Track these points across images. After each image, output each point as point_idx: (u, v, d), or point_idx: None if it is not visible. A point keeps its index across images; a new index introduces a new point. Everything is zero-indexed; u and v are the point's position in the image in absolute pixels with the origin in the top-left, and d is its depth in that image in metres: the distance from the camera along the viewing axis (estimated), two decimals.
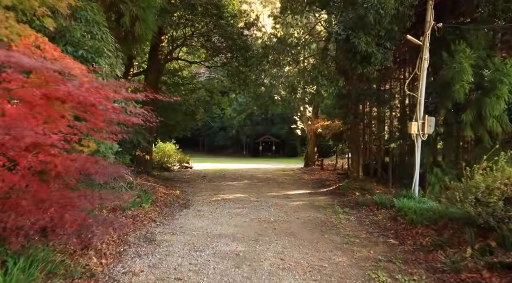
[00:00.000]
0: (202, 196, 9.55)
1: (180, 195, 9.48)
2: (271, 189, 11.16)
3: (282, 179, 14.81)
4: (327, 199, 9.20)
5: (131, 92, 4.54)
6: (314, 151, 21.03)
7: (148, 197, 7.24)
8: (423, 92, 7.14)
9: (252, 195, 9.76)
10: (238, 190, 10.82)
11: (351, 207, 7.82)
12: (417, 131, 7.15)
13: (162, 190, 9.21)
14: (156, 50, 13.46)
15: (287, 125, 37.50)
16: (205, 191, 10.63)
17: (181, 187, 11.48)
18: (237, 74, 13.13)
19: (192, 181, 13.40)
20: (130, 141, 9.01)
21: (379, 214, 6.68)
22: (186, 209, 7.71)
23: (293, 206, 8.20)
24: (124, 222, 4.59)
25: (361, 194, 9.15)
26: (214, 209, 7.71)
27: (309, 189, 11.35)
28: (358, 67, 7.87)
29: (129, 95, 4.06)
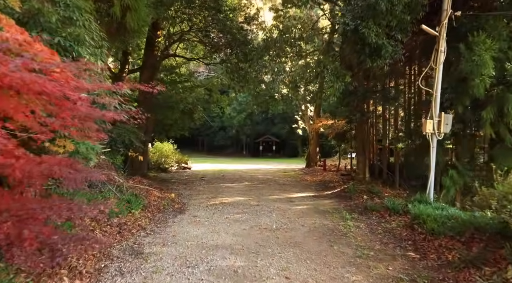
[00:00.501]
0: (199, 200, 8.95)
1: (176, 198, 8.88)
2: (272, 192, 10.57)
3: (284, 180, 14.21)
4: (332, 203, 8.60)
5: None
6: (316, 151, 20.43)
7: (139, 201, 6.64)
8: (439, 88, 6.54)
9: (252, 198, 9.16)
10: (237, 193, 10.22)
11: (359, 213, 7.21)
12: (433, 130, 6.54)
13: (156, 193, 8.61)
14: (152, 46, 12.86)
15: (288, 125, 36.91)
16: (202, 194, 10.03)
17: (177, 189, 10.89)
18: (237, 70, 12.53)
19: (189, 183, 12.80)
20: (122, 141, 8.41)
21: (392, 221, 6.07)
22: (181, 214, 7.11)
23: (297, 211, 7.60)
24: (98, 238, 3.97)
25: (369, 198, 8.55)
26: (211, 214, 7.11)
27: (312, 192, 10.76)
28: (367, 60, 7.26)
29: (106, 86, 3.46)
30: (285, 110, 35.39)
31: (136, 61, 15.69)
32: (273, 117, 38.16)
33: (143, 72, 12.99)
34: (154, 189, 9.18)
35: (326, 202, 8.73)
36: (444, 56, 6.51)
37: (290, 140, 39.45)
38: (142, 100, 12.87)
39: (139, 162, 12.75)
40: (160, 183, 11.79)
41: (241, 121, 37.37)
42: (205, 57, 14.78)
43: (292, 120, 35.85)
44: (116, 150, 8.24)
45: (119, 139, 8.32)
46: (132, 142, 8.61)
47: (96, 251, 4.10)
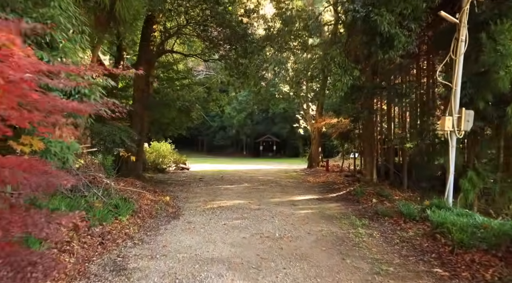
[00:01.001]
0: (195, 203, 8.34)
1: (170, 202, 8.27)
2: (274, 194, 9.95)
3: (285, 181, 13.60)
4: (339, 207, 7.98)
5: None
6: (318, 152, 19.81)
7: (128, 206, 6.02)
8: (459, 81, 5.92)
9: (252, 202, 8.55)
10: (237, 195, 9.61)
11: (370, 218, 6.59)
12: (452, 128, 5.93)
13: (149, 196, 7.99)
14: (147, 41, 12.24)
15: (288, 124, 36.32)
16: (199, 196, 9.42)
17: (173, 191, 10.28)
18: (236, 66, 11.91)
19: (186, 184, 12.19)
20: (112, 140, 7.80)
21: (408, 229, 5.45)
22: (175, 220, 6.49)
23: (301, 216, 6.98)
24: (58, 263, 3.35)
25: (379, 201, 7.93)
26: (208, 220, 6.49)
27: (316, 194, 10.14)
28: (378, 52, 6.65)
29: (72, 68, 2.85)
30: (286, 109, 34.80)
31: (132, 58, 15.08)
32: (274, 116, 37.56)
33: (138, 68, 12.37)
34: (148, 191, 8.56)
35: (332, 206, 8.11)
36: (466, 46, 5.89)
37: (291, 140, 38.84)
38: (138, 97, 12.28)
39: (134, 163, 12.16)
40: (155, 185, 11.18)
41: (241, 120, 36.76)
42: (203, 53, 14.17)
43: (293, 119, 35.22)
44: (106, 149, 7.62)
45: (109, 138, 7.71)
46: (124, 141, 8.00)
47: (70, 266, 3.49)
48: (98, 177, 6.53)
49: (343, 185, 11.46)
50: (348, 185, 11.26)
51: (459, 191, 7.10)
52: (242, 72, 11.99)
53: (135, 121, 12.21)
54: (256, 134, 39.96)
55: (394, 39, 6.41)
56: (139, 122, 12.22)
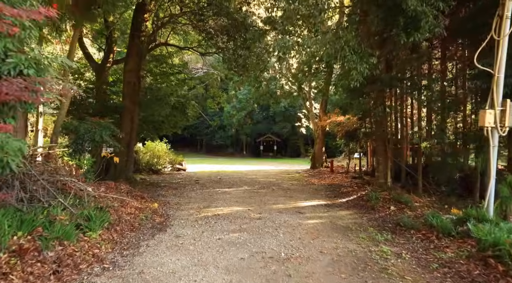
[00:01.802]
0: (188, 210, 7.33)
1: (159, 209, 7.26)
2: (276, 199, 8.94)
3: (288, 184, 12.59)
4: (352, 215, 6.97)
5: None
6: (322, 152, 18.80)
7: (103, 217, 5.01)
8: (502, 67, 4.90)
9: (252, 209, 7.54)
10: (235, 201, 8.60)
11: (392, 231, 5.57)
12: (494, 123, 4.91)
13: (135, 203, 6.98)
14: (138, 31, 11.24)
15: (289, 124, 35.35)
16: (193, 202, 8.41)
17: (164, 196, 9.27)
18: (235, 59, 10.90)
19: (181, 188, 11.18)
20: (91, 138, 6.78)
21: (445, 247, 4.43)
22: (161, 233, 5.48)
23: (309, 227, 5.97)
24: None
25: (398, 209, 6.92)
26: (200, 233, 5.48)
27: (324, 199, 9.13)
28: (401, 35, 5.63)
29: None
30: (287, 107, 33.82)
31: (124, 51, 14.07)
32: (274, 115, 36.57)
33: (128, 60, 11.37)
34: (134, 197, 7.55)
35: (343, 214, 7.10)
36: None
37: (292, 139, 37.86)
38: (128, 92, 11.27)
39: (124, 164, 11.18)
40: (145, 189, 10.17)
41: (241, 119, 35.75)
42: (200, 45, 13.17)
43: (294, 118, 34.22)
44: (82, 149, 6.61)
45: (88, 136, 6.69)
46: (103, 139, 6.97)
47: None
48: (70, 182, 5.52)
49: (352, 189, 10.45)
50: (358, 189, 10.25)
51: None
52: (241, 64, 10.98)
53: (125, 118, 11.21)
54: (256, 134, 38.96)
55: (421, 18, 5.39)
56: (129, 119, 11.22)
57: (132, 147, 11.59)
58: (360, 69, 5.69)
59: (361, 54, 5.73)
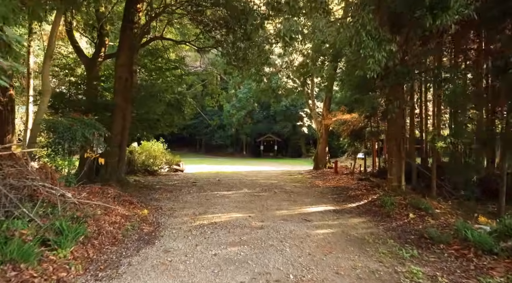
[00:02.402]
0: (182, 218, 6.56)
1: (149, 216, 6.49)
2: (279, 204, 8.17)
3: (291, 186, 11.82)
4: (365, 224, 6.20)
5: None
6: (325, 152, 18.03)
7: (77, 230, 4.23)
8: None
9: (254, 215, 6.77)
10: (234, 206, 7.83)
11: (417, 245, 4.79)
12: None
13: (121, 210, 6.21)
14: (131, 22, 10.46)
15: (290, 123, 34.59)
16: (189, 207, 7.64)
17: (158, 200, 8.50)
18: (235, 52, 10.13)
19: (176, 190, 10.41)
20: (71, 137, 6.00)
21: (490, 269, 3.65)
22: (148, 247, 4.71)
23: (319, 238, 5.20)
24: None
25: (417, 217, 6.14)
26: (193, 247, 4.71)
27: (331, 203, 8.36)
28: (426, 17, 4.85)
29: None
30: (288, 106, 33.05)
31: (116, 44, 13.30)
32: (275, 114, 35.81)
33: (120, 54, 10.59)
34: (122, 202, 6.77)
35: (356, 222, 6.32)
36: None
37: (293, 139, 37.10)
38: (120, 88, 10.50)
39: (116, 165, 10.41)
40: (137, 192, 9.40)
41: (241, 119, 34.98)
42: (197, 39, 12.39)
43: (295, 117, 33.46)
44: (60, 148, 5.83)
45: (68, 135, 5.91)
46: (87, 139, 6.18)
47: None
48: (42, 188, 4.74)
49: (360, 192, 9.68)
50: (367, 192, 9.48)
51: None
52: (241, 58, 10.20)
53: (117, 116, 10.44)
54: (257, 134, 38.19)
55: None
56: (121, 117, 10.44)
57: (124, 147, 10.82)
58: (378, 57, 4.93)
59: (378, 39, 4.97)
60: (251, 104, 35.30)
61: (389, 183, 8.15)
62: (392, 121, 7.79)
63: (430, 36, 6.08)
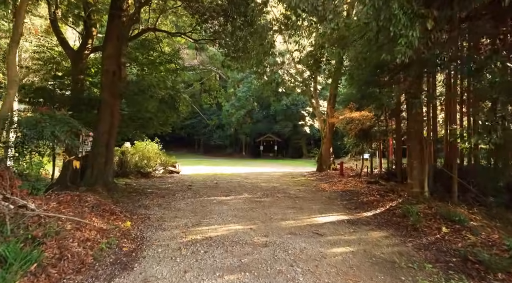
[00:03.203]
0: (171, 231, 5.57)
1: (132, 230, 5.50)
2: (284, 212, 7.19)
3: (295, 190, 10.84)
4: (391, 240, 5.20)
5: None
6: (330, 152, 17.06)
7: (28, 256, 3.23)
8: None
9: (256, 228, 5.78)
10: (233, 215, 6.84)
11: (463, 271, 3.80)
12: None
13: (99, 223, 5.21)
14: (119, 9, 9.50)
15: (291, 123, 33.61)
16: (181, 217, 6.64)
17: (147, 207, 7.50)
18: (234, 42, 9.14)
19: (169, 195, 9.42)
20: (38, 136, 4.98)
21: None
22: (124, 274, 3.72)
23: (338, 261, 4.21)
24: None
25: (452, 231, 5.16)
26: (181, 275, 3.72)
27: (343, 212, 7.37)
28: None
29: None
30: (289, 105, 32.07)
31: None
32: (275, 114, 34.82)
33: (107, 45, 9.61)
34: (101, 213, 5.76)
35: (378, 237, 5.33)
36: None
37: (293, 139, 36.12)
38: (107, 83, 9.50)
39: (102, 167, 9.42)
40: (125, 198, 8.41)
41: (240, 118, 33.96)
42: (193, 30, 11.40)
43: (296, 117, 32.48)
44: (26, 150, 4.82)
45: (33, 132, 4.90)
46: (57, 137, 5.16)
47: None
48: None
49: (373, 198, 8.71)
50: (381, 198, 8.51)
51: None
52: (241, 48, 9.22)
53: (103, 113, 9.45)
54: (256, 133, 37.21)
55: None
56: (108, 114, 9.45)
57: (112, 147, 9.81)
58: (410, 36, 3.94)
59: (411, 15, 4.00)
60: (251, 103, 34.33)
61: (408, 189, 7.18)
62: (413, 118, 6.82)
63: (474, 14, 5.09)
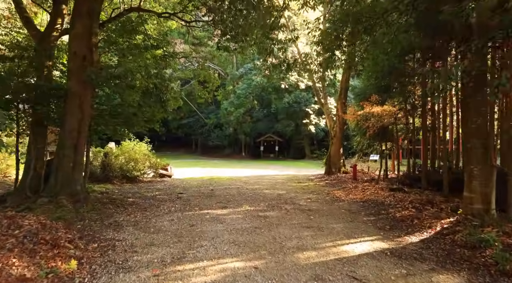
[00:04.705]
0: (138, 272, 3.74)
1: (77, 275, 3.65)
2: (299, 235, 5.37)
3: (305, 199, 9.04)
4: None
5: None
6: (340, 153, 15.24)
7: None
8: None
9: (262, 266, 3.96)
10: (230, 241, 5.01)
11: None
12: None
13: (22, 265, 3.38)
14: None
15: (293, 122, 31.80)
16: (158, 245, 4.82)
17: (118, 228, 5.68)
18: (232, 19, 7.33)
19: (152, 208, 7.63)
20: None
21: None
22: None
23: None
24: None
25: None
26: None
27: (375, 233, 5.55)
28: None
29: None
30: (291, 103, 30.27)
31: None
32: (277, 112, 33.00)
33: (74, 22, 7.81)
34: (32, 250, 3.94)
35: None
36: None
37: (295, 139, 34.29)
38: (76, 69, 7.69)
39: (70, 172, 7.61)
40: (91, 215, 6.56)
41: (240, 117, 32.13)
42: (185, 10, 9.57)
43: (299, 115, 30.66)
44: None
45: None
46: None
47: None
48: None
49: (408, 212, 6.88)
50: (417, 212, 6.71)
51: None
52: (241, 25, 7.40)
53: (71, 106, 7.65)
54: (256, 133, 35.38)
55: None
56: (76, 107, 7.64)
57: (82, 148, 7.99)
58: None
59: None
60: (251, 101, 32.54)
61: (465, 204, 5.37)
62: (475, 110, 5.01)
63: None
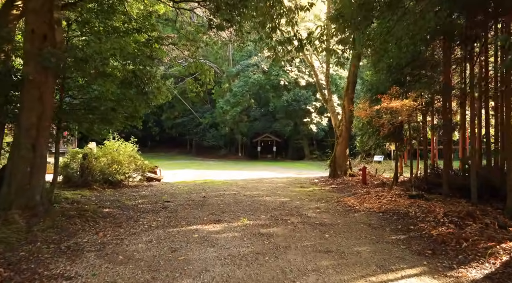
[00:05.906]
0: None
1: None
2: (316, 266, 3.96)
3: (313, 209, 7.67)
4: None
5: None
6: (346, 155, 13.89)
7: None
8: None
9: None
10: (224, 275, 3.59)
11: None
12: None
13: None
14: None
15: (292, 121, 30.45)
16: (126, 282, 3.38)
17: (74, 256, 4.22)
18: None
19: (130, 222, 6.20)
20: None
21: None
22: None
23: None
24: None
25: None
26: None
27: (417, 262, 4.17)
28: None
29: None
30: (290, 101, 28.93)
31: None
32: (275, 111, 31.63)
33: None
34: None
35: None
36: None
37: (294, 139, 32.97)
38: (33, 51, 6.21)
39: (27, 178, 6.16)
40: (47, 234, 5.10)
41: (236, 116, 30.69)
42: None
43: (298, 114, 29.29)
44: None
45: None
46: None
47: None
48: None
49: (445, 229, 5.52)
50: (458, 228, 5.38)
51: None
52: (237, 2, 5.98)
53: (28, 98, 6.19)
54: (254, 133, 33.98)
55: None
56: (36, 99, 6.17)
57: (44, 149, 6.51)
58: None
59: None
60: (248, 99, 31.14)
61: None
62: None
63: None
